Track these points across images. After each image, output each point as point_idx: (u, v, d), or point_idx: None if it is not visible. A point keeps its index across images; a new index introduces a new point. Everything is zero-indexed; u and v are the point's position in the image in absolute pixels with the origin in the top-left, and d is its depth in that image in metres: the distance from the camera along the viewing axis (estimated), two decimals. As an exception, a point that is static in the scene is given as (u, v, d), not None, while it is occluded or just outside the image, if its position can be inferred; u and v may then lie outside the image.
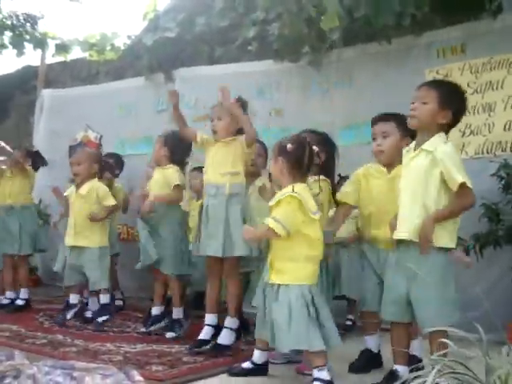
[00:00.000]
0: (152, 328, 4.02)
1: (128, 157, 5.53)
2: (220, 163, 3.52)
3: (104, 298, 4.29)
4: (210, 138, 3.64)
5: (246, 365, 3.08)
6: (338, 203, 3.29)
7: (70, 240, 4.31)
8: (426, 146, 2.67)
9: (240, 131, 3.57)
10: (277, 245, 2.90)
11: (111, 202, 4.35)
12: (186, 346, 3.66)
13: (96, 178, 4.39)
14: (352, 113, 4.44)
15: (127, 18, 18.89)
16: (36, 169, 5.18)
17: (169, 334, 3.91)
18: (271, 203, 2.92)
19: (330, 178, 3.33)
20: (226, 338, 3.49)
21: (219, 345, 3.47)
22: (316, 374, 2.78)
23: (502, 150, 3.90)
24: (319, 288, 2.93)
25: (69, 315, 4.28)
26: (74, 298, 4.39)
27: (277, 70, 4.95)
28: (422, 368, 1.87)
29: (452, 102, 2.71)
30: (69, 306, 4.37)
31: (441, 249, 2.61)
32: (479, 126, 3.99)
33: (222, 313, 3.62)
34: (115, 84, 6.07)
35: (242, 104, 3.56)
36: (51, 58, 6.94)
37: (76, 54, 6.88)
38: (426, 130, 2.71)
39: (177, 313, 4.03)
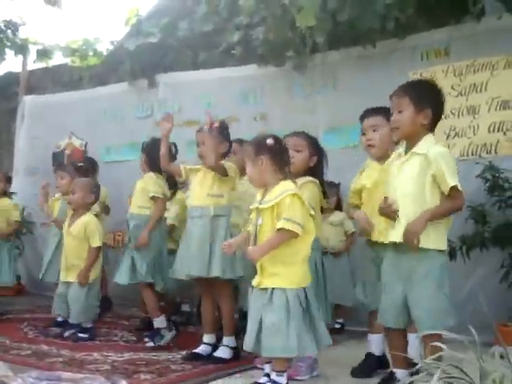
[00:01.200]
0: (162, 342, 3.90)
1: (113, 163, 5.49)
2: (204, 186, 3.51)
3: (85, 323, 4.16)
4: (193, 167, 3.64)
5: (263, 380, 2.84)
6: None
7: (62, 274, 4.24)
8: (417, 149, 2.63)
9: (226, 155, 3.59)
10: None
11: (96, 243, 4.16)
12: (173, 354, 3.63)
13: (89, 212, 4.25)
14: (336, 116, 4.44)
15: (109, 24, 18.78)
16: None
17: (148, 344, 3.83)
18: (264, 206, 2.76)
19: (320, 182, 3.31)
20: (223, 352, 3.45)
21: (216, 357, 3.43)
22: (275, 377, 2.71)
23: (487, 152, 3.92)
24: (314, 287, 2.90)
25: (66, 333, 4.14)
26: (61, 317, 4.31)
27: (261, 74, 4.95)
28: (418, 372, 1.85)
29: (427, 99, 2.65)
30: (57, 323, 4.31)
31: (437, 251, 2.59)
32: (464, 128, 4.02)
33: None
34: (98, 90, 6.03)
35: (223, 128, 3.56)
36: (33, 64, 6.87)
37: (58, 59, 6.81)
38: (413, 136, 2.67)
39: (159, 322, 3.90)
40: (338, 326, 4.32)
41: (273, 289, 2.71)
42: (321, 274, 3.23)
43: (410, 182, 2.61)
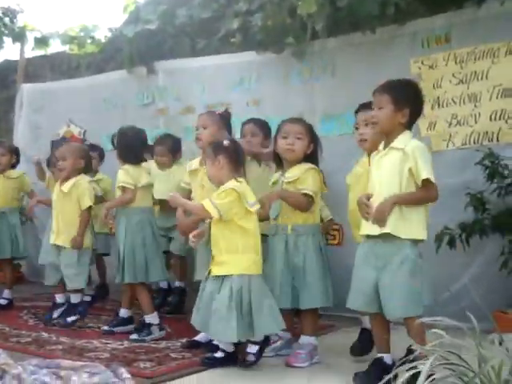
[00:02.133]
0: (116, 329, 3.90)
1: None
2: (206, 191, 3.45)
3: (74, 298, 4.15)
4: (192, 170, 3.69)
5: (219, 354, 3.14)
6: None
7: (52, 238, 4.21)
8: (395, 144, 2.76)
9: None
10: (215, 238, 3.12)
11: (86, 203, 4.11)
12: (172, 342, 3.64)
13: (82, 174, 4.22)
14: (334, 103, 4.40)
15: (107, 11, 18.68)
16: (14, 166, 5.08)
17: (132, 336, 3.74)
18: (215, 193, 3.12)
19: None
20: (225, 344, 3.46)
21: (214, 345, 3.38)
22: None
23: (489, 140, 3.89)
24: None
25: (55, 314, 4.19)
26: (60, 298, 4.31)
27: (259, 61, 4.89)
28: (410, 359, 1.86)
29: (407, 99, 2.78)
30: (56, 305, 4.29)
31: (411, 241, 2.69)
32: (465, 116, 3.98)
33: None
34: (97, 77, 5.97)
35: (226, 116, 3.61)
36: (30, 51, 6.83)
37: (56, 47, 6.77)
38: (391, 132, 2.80)
39: (151, 318, 3.81)
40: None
41: (223, 277, 3.06)
42: (325, 257, 3.28)
43: (387, 174, 2.74)
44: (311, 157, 3.30)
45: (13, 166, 5.05)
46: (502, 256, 3.65)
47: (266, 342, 3.15)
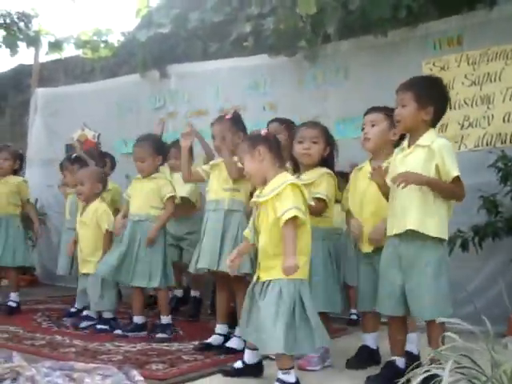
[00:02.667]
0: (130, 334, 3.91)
1: (131, 155, 5.47)
2: (223, 180, 3.49)
3: (106, 315, 4.15)
4: (214, 163, 3.62)
5: (237, 364, 2.96)
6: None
7: (80, 267, 4.28)
8: (421, 141, 2.71)
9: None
10: (266, 242, 2.71)
11: (105, 225, 4.14)
12: (184, 344, 3.65)
13: (99, 199, 4.26)
14: (348, 106, 4.41)
15: (120, 15, 18.80)
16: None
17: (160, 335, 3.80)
18: (263, 199, 2.72)
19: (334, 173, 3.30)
20: (234, 343, 3.44)
21: (227, 348, 3.42)
22: (280, 375, 2.63)
23: (502, 143, 3.88)
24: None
25: (83, 324, 4.18)
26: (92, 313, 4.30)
27: (272, 64, 4.92)
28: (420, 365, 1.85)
29: (430, 97, 2.73)
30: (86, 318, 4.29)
31: (437, 240, 2.63)
32: (478, 118, 3.97)
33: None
34: (111, 81, 6.03)
35: (236, 118, 3.55)
36: (45, 56, 6.88)
37: (70, 51, 6.82)
38: (415, 130, 2.75)
39: (167, 320, 3.88)
40: (353, 316, 4.27)
41: (269, 281, 2.66)
42: (334, 264, 3.23)
43: (415, 171, 2.66)
44: (327, 160, 3.27)
45: (15, 172, 4.94)
46: (516, 259, 3.64)
47: None
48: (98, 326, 4.08)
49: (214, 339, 3.51)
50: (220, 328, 3.56)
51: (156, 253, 3.85)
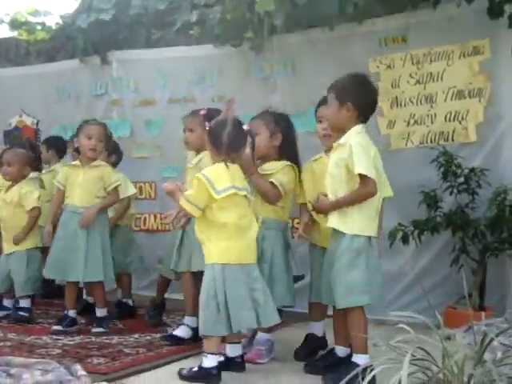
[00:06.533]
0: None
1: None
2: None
3: (24, 303, 4.04)
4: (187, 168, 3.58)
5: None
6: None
7: (4, 247, 4.14)
8: (342, 139, 2.80)
9: None
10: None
11: (30, 204, 4.06)
12: (125, 337, 3.59)
13: (24, 180, 4.17)
14: (296, 100, 4.41)
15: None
16: None
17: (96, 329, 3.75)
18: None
19: (294, 162, 3.25)
20: (182, 331, 3.45)
21: (174, 336, 3.43)
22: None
23: (445, 140, 3.97)
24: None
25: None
26: (8, 303, 4.19)
27: (217, 54, 4.85)
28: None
29: (348, 93, 2.79)
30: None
31: (354, 235, 2.72)
32: (422, 116, 4.05)
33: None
34: (49, 66, 5.79)
35: (210, 115, 3.44)
36: (-24, 36, 6.55)
37: (3, 32, 6.51)
38: (341, 128, 2.83)
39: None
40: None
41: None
42: (281, 254, 3.20)
43: (331, 171, 2.81)
44: (282, 149, 3.24)
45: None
46: (453, 253, 3.75)
47: None
48: (20, 313, 3.96)
49: (179, 330, 3.48)
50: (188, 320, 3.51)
51: (95, 243, 3.73)
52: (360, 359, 2.61)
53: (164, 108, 5.05)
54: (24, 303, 4.03)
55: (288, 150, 3.26)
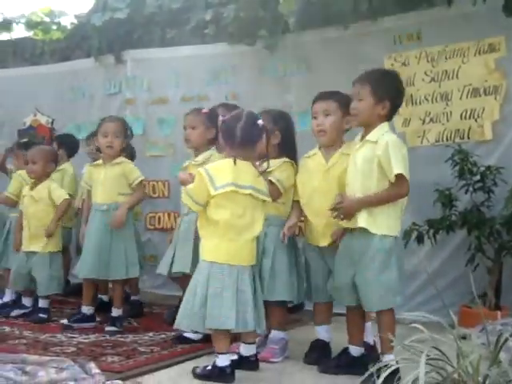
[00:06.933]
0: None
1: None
2: None
3: (43, 303, 4.05)
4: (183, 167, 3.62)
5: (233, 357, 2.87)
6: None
7: (24, 244, 4.12)
8: (370, 136, 2.75)
9: (213, 141, 3.54)
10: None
11: (61, 197, 4.07)
12: (140, 336, 3.59)
13: (51, 178, 4.19)
14: (310, 98, 4.34)
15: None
16: None
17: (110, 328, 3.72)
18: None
19: (293, 159, 3.24)
20: (192, 333, 3.41)
21: (184, 338, 3.41)
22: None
23: (460, 138, 3.94)
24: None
25: (14, 313, 4.09)
26: (27, 301, 4.20)
27: (232, 53, 4.85)
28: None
29: (387, 92, 2.76)
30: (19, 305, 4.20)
31: (383, 236, 2.70)
32: (438, 114, 4.03)
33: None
34: (64, 65, 5.82)
35: (212, 114, 3.50)
36: (-7, 36, 6.61)
37: (20, 32, 6.57)
38: (369, 124, 2.78)
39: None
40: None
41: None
42: (294, 253, 3.21)
43: (361, 169, 2.73)
44: (281, 147, 3.22)
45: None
46: (469, 252, 3.72)
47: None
48: (40, 315, 3.97)
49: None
50: None
51: (129, 241, 3.77)
52: (389, 359, 2.56)
53: (177, 106, 5.06)
54: (44, 303, 4.04)
55: (287, 149, 3.25)
